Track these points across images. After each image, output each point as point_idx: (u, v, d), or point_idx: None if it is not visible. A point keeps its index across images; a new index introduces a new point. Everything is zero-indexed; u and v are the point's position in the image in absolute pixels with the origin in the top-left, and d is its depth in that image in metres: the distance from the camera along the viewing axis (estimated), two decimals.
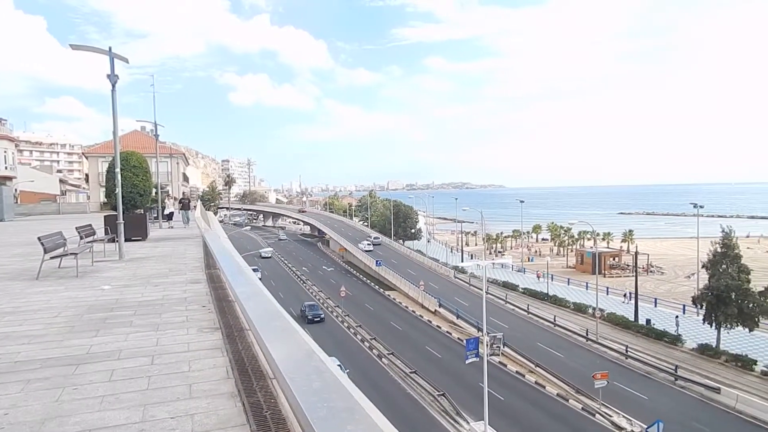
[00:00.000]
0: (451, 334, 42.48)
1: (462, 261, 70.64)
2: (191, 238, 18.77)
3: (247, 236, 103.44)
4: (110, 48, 12.47)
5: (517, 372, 33.26)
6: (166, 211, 26.79)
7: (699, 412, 27.21)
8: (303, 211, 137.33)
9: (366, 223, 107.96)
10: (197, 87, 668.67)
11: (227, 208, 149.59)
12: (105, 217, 17.17)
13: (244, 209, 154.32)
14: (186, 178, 62.18)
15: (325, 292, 57.35)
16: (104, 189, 38.56)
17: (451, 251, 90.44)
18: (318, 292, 58.10)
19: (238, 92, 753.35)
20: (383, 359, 35.63)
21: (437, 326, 44.85)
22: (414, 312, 49.87)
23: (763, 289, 34.84)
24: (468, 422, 25.60)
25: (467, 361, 27.68)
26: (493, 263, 57.21)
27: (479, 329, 35.96)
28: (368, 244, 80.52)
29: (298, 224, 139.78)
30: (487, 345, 27.34)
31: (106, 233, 14.74)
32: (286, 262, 78.58)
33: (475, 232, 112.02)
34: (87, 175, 52.76)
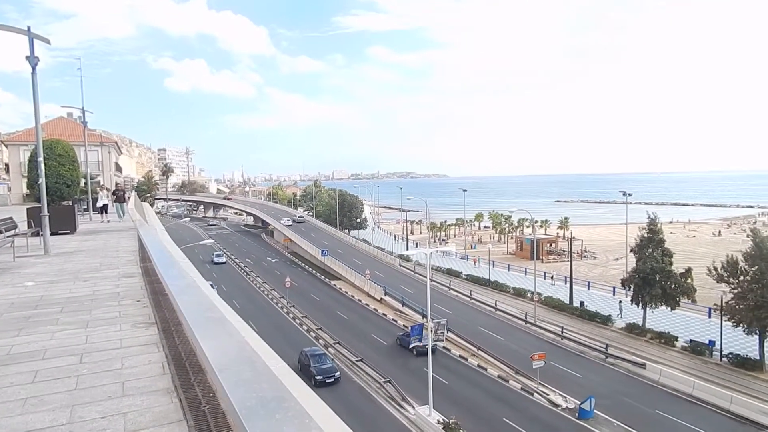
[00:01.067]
0: (396, 321, 43.02)
1: (407, 249, 71.35)
2: (125, 230, 17.90)
3: (187, 228, 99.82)
4: (29, 27, 11.59)
5: (460, 356, 34.19)
6: (100, 203, 25.14)
7: (627, 387, 29.10)
8: (228, 199, 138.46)
9: (311, 213, 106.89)
10: (129, 72, 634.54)
11: (165, 199, 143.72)
12: (28, 209, 16.04)
13: (183, 200, 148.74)
14: (119, 168, 59.05)
15: (270, 284, 56.47)
16: (26, 179, 35.96)
17: (395, 239, 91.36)
18: (262, 284, 57.12)
19: (175, 78, 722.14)
20: (329, 349, 35.62)
21: (383, 314, 45.27)
22: (360, 301, 50.07)
23: (684, 270, 37.59)
24: (413, 407, 26.11)
25: (411, 346, 28.14)
26: (437, 251, 58.37)
27: (424, 316, 36.65)
28: (288, 220, 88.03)
29: (241, 215, 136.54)
30: (431, 331, 27.90)
31: (30, 226, 13.80)
32: (237, 260, 76.52)
33: (420, 220, 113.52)
34: (7, 164, 48.95)
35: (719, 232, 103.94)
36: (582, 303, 45.17)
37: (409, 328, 33.14)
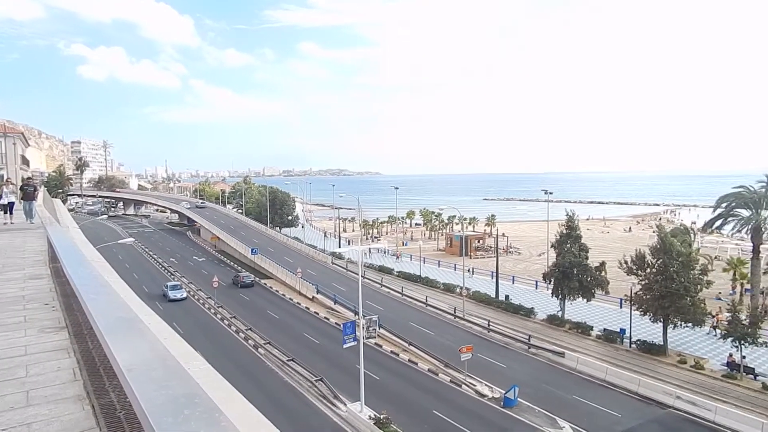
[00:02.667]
0: (328, 319, 42.87)
1: (339, 247, 71.34)
2: (32, 229, 16.55)
3: (105, 226, 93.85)
4: None
5: (391, 352, 34.66)
6: (5, 200, 22.79)
7: (547, 375, 30.78)
8: (115, 190, 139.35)
9: (240, 210, 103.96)
10: (38, 58, 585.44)
11: (80, 195, 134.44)
12: None
13: (101, 196, 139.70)
14: (26, 161, 54.38)
15: (196, 284, 54.35)
16: None
17: (326, 237, 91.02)
18: (188, 284, 54.85)
19: (89, 66, 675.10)
20: (259, 349, 34.89)
21: (315, 312, 44.95)
22: (291, 299, 49.40)
23: (598, 264, 40.27)
24: (345, 404, 26.17)
25: (345, 346, 28.16)
26: (369, 248, 58.74)
27: (356, 313, 36.78)
28: (186, 204, 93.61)
29: (165, 212, 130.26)
30: (363, 328, 28.06)
31: None
32: (161, 260, 72.73)
33: (353, 218, 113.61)
34: None
35: (629, 228, 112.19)
36: (507, 297, 47.20)
37: (342, 326, 33.10)
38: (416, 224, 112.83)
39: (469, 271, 57.08)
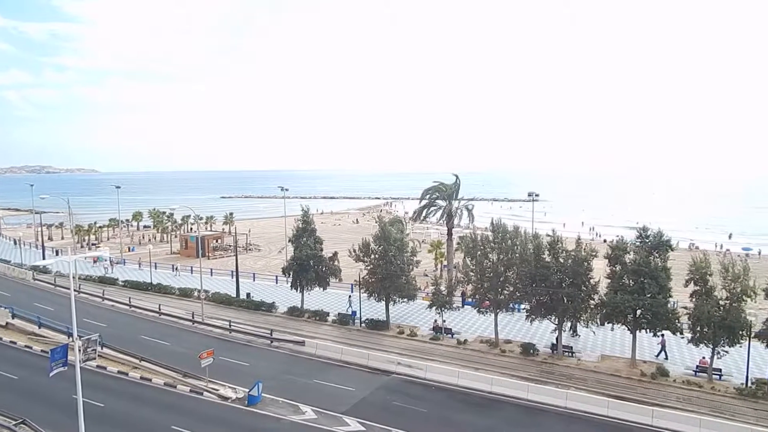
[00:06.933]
0: (31, 347, 35.30)
1: (44, 258, 60.03)
2: None
3: None
4: None
5: (119, 372, 30.68)
6: None
7: (290, 365, 31.86)
8: None
9: None
10: None
11: None
12: None
13: None
14: None
15: None
16: None
17: (15, 244, 75.20)
18: None
19: None
20: None
21: (11, 342, 36.39)
22: None
23: (332, 254, 43.48)
24: None
25: (51, 374, 23.51)
26: (86, 257, 50.71)
27: (70, 335, 31.21)
28: None
29: None
30: (79, 350, 23.95)
31: None
32: None
33: (62, 223, 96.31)
34: None
35: (357, 220, 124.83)
36: (249, 294, 46.96)
37: (49, 352, 27.66)
38: (145, 227, 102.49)
39: (156, 267, 55.24)
